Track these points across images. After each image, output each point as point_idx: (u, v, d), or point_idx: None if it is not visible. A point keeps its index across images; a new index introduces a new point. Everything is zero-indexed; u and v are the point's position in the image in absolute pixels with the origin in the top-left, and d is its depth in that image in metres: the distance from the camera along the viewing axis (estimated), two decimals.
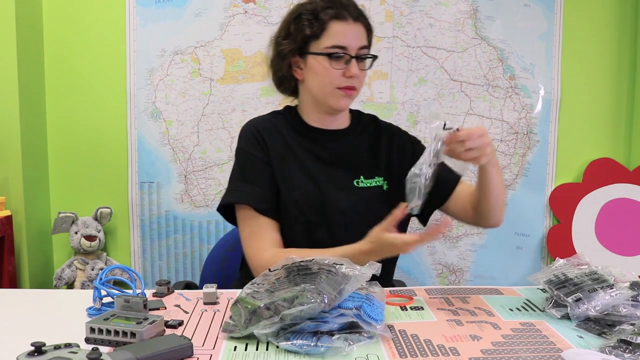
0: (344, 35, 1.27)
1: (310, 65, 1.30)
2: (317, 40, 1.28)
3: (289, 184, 1.31)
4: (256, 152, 1.33)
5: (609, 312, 1.03)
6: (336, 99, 1.31)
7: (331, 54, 1.27)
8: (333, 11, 1.27)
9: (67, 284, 2.32)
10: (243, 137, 1.36)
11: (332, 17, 1.27)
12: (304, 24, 1.29)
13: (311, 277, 0.96)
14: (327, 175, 1.34)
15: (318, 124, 1.38)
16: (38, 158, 2.34)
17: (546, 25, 2.44)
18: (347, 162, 1.37)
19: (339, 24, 1.27)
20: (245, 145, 1.35)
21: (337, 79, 1.28)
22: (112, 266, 1.23)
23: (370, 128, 1.44)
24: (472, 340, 0.96)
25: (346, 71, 1.28)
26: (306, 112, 1.38)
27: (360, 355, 0.89)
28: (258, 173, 1.32)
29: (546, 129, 2.48)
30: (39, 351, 0.78)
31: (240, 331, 0.94)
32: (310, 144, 1.37)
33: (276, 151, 1.34)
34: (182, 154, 2.38)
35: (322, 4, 1.29)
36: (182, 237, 2.41)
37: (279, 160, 1.33)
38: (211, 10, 2.35)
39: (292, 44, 1.31)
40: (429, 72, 2.41)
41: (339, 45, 1.27)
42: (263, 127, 1.36)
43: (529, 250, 2.52)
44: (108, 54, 2.36)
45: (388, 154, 1.40)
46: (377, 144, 1.41)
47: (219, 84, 2.37)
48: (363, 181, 1.35)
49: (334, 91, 1.30)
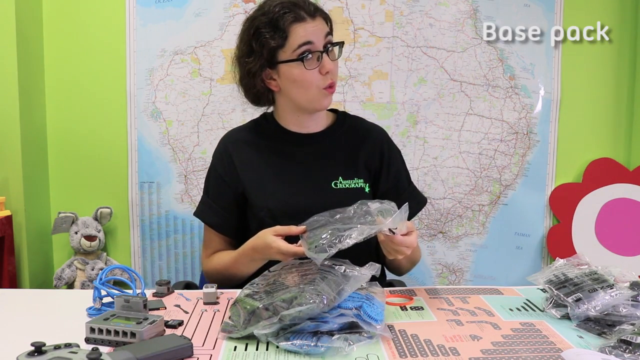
0: (307, 35, 1.26)
1: (284, 74, 1.29)
2: (283, 49, 1.26)
3: (261, 193, 1.33)
4: (219, 169, 1.39)
5: (609, 312, 1.03)
6: (320, 99, 1.31)
7: (301, 55, 1.25)
8: (291, 15, 1.25)
9: (67, 284, 2.32)
10: (215, 151, 1.43)
11: (291, 21, 1.25)
12: (266, 37, 1.26)
13: (310, 278, 0.96)
14: (302, 178, 1.35)
15: (297, 128, 1.38)
16: (38, 158, 2.34)
17: (546, 25, 2.44)
18: (324, 164, 1.37)
19: (300, 26, 1.25)
20: (213, 159, 1.43)
21: (316, 79, 1.28)
22: (112, 266, 1.24)
23: (354, 129, 1.43)
24: (472, 340, 0.96)
25: (321, 68, 1.27)
26: (284, 118, 1.39)
27: (360, 355, 0.89)
28: (216, 190, 1.40)
29: (546, 129, 2.48)
30: (39, 351, 0.78)
31: (239, 331, 0.94)
32: (287, 149, 1.38)
33: (245, 164, 1.37)
34: (182, 154, 2.38)
35: (277, 11, 1.26)
36: (182, 237, 2.41)
37: (249, 172, 1.36)
38: (211, 10, 2.34)
39: (260, 60, 1.29)
40: (429, 72, 2.41)
41: (307, 42, 1.25)
42: (234, 140, 1.41)
43: (529, 250, 2.52)
44: (108, 54, 2.36)
45: (369, 156, 1.40)
46: (358, 146, 1.40)
47: (219, 84, 2.37)
48: (342, 182, 1.35)
49: (317, 92, 1.29)
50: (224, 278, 1.33)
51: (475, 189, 2.46)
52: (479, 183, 2.46)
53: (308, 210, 1.21)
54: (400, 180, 1.42)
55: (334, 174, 1.35)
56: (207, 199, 1.41)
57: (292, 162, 1.37)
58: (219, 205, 1.38)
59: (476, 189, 2.46)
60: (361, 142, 1.41)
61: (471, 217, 2.46)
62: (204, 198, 1.43)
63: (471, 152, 2.45)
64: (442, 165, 2.44)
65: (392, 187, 1.39)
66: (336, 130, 1.41)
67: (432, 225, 2.46)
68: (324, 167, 1.37)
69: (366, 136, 1.42)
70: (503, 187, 2.47)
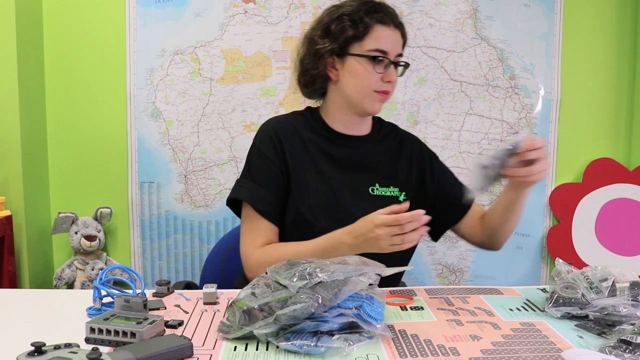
0: (387, 40, 1.28)
1: (349, 67, 1.30)
2: (359, 42, 1.28)
3: (304, 187, 1.31)
4: (269, 154, 1.31)
5: (609, 312, 1.03)
6: (372, 102, 1.31)
7: (374, 57, 1.27)
8: (378, 15, 1.28)
9: (67, 284, 2.32)
10: (260, 135, 1.35)
11: (377, 20, 1.28)
12: (347, 25, 1.28)
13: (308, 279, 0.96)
14: (343, 180, 1.33)
15: (341, 127, 1.37)
16: (38, 158, 2.34)
17: (546, 25, 2.44)
18: (364, 169, 1.36)
19: (382, 28, 1.28)
20: (260, 144, 1.33)
21: (375, 82, 1.29)
22: (112, 266, 1.23)
23: (390, 137, 1.44)
24: (472, 340, 0.96)
25: (385, 76, 1.29)
26: (331, 115, 1.37)
27: (360, 355, 0.89)
28: (266, 174, 1.31)
29: (546, 129, 2.48)
30: (39, 351, 0.77)
31: (235, 332, 0.95)
32: (330, 148, 1.35)
33: (293, 153, 1.32)
34: (182, 154, 2.38)
35: (365, 7, 1.29)
36: (182, 237, 2.41)
37: (295, 163, 1.32)
38: (211, 10, 2.35)
39: (333, 44, 1.29)
40: (429, 72, 2.41)
41: (381, 50, 1.28)
42: (282, 127, 1.34)
43: (529, 250, 2.52)
44: (108, 54, 2.36)
45: (407, 165, 1.40)
46: (396, 154, 1.41)
47: (219, 84, 2.37)
48: (378, 189, 1.35)
49: (372, 94, 1.30)
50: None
51: None
52: None
53: (346, 212, 1.23)
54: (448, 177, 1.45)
55: (372, 180, 1.35)
56: (253, 183, 1.31)
57: (334, 162, 1.35)
58: (268, 191, 1.29)
59: None
60: (399, 150, 1.41)
61: None
62: (246, 183, 1.32)
63: (471, 152, 2.45)
64: None
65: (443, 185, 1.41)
66: (375, 136, 1.42)
67: None
68: (363, 171, 1.36)
69: (404, 144, 1.43)
70: (503, 187, 2.47)
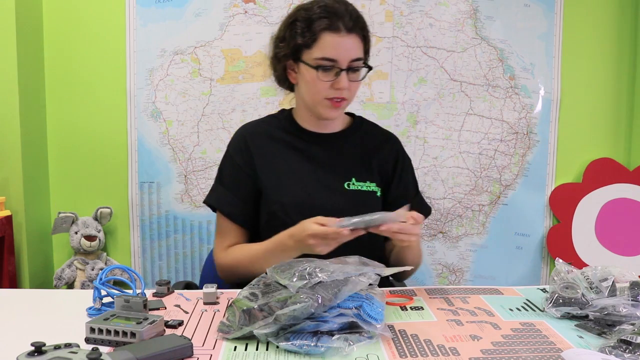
0: (334, 48, 1.25)
1: (301, 72, 1.31)
2: (308, 50, 1.27)
3: (275, 187, 1.33)
4: (238, 159, 1.37)
5: (609, 312, 1.03)
6: (324, 109, 1.31)
7: (320, 66, 1.26)
8: (326, 21, 1.25)
9: (67, 284, 2.32)
10: (231, 141, 1.41)
11: (324, 28, 1.25)
12: (297, 32, 1.28)
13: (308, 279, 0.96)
14: (317, 178, 1.35)
15: (311, 126, 1.40)
16: (38, 158, 2.34)
17: (546, 25, 2.44)
18: (339, 164, 1.37)
19: (330, 36, 1.25)
20: (231, 149, 1.40)
21: (324, 90, 1.28)
22: (112, 266, 1.23)
23: (370, 134, 1.44)
24: (472, 340, 0.96)
25: (335, 83, 1.27)
26: (299, 115, 1.41)
27: (360, 355, 0.89)
28: (234, 180, 1.37)
29: (546, 129, 2.48)
30: (39, 351, 0.78)
31: (234, 332, 0.95)
32: (302, 146, 1.38)
33: (262, 155, 1.36)
34: (182, 154, 2.38)
35: (317, 12, 1.26)
36: (182, 237, 2.41)
37: (266, 165, 1.36)
38: (211, 10, 2.34)
39: (286, 49, 1.31)
40: (429, 72, 2.41)
41: (329, 58, 1.25)
42: (252, 132, 1.40)
43: (529, 250, 2.52)
44: (108, 54, 2.36)
45: (383, 163, 1.41)
46: (374, 151, 1.41)
47: (219, 84, 2.37)
48: (355, 183, 1.35)
49: (323, 101, 1.30)
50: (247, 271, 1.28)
51: (475, 189, 2.46)
52: (479, 183, 2.46)
53: (321, 208, 1.23)
54: (408, 190, 1.44)
55: (348, 175, 1.36)
56: (222, 187, 1.38)
57: (307, 160, 1.37)
58: (235, 195, 1.36)
59: (476, 189, 2.46)
60: (377, 147, 1.42)
61: (471, 217, 2.46)
62: (217, 187, 1.40)
63: (471, 152, 2.45)
64: (442, 165, 2.44)
65: (400, 195, 1.40)
66: (352, 133, 1.42)
67: (432, 225, 2.46)
68: (338, 167, 1.37)
69: (382, 142, 1.44)
70: (503, 187, 2.47)
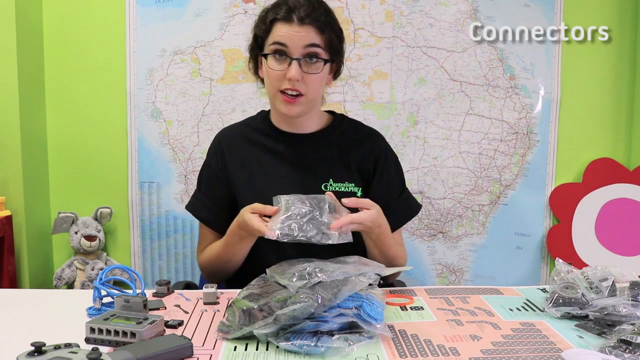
0: (286, 35, 1.25)
1: (263, 67, 1.32)
2: (265, 41, 1.30)
3: (250, 191, 1.33)
4: (212, 164, 1.40)
5: (609, 312, 1.03)
6: (280, 103, 1.29)
7: (272, 53, 1.26)
8: (277, 12, 1.27)
9: (67, 284, 2.32)
10: (210, 146, 1.44)
11: (274, 18, 1.27)
12: (256, 24, 1.33)
13: (308, 279, 0.96)
14: (292, 178, 1.34)
15: (285, 126, 1.39)
16: (38, 158, 2.34)
17: (546, 25, 2.44)
18: (316, 165, 1.36)
19: (281, 26, 1.26)
20: (208, 154, 1.44)
21: (277, 81, 1.27)
22: (112, 266, 1.24)
23: (350, 132, 1.42)
24: (472, 340, 0.96)
25: (286, 72, 1.25)
26: (273, 115, 1.41)
27: (360, 355, 0.89)
28: (208, 184, 1.41)
29: (546, 129, 2.48)
30: (39, 351, 0.78)
31: (234, 332, 0.95)
32: (278, 147, 1.37)
33: (237, 160, 1.37)
34: (182, 154, 2.38)
35: (272, 5, 1.31)
36: (182, 237, 2.41)
37: (241, 169, 1.37)
38: (211, 10, 2.34)
39: (252, 43, 1.35)
40: (429, 72, 2.41)
41: (279, 42, 1.25)
42: (227, 136, 1.42)
43: (529, 250, 2.51)
44: (108, 54, 2.36)
45: (363, 160, 1.39)
46: (353, 149, 1.39)
47: (219, 84, 2.37)
48: (332, 184, 1.34)
49: (277, 94, 1.29)
50: (219, 267, 1.35)
51: (475, 189, 2.46)
52: (479, 183, 2.46)
53: None
54: (391, 189, 1.41)
55: (325, 176, 1.34)
56: (199, 193, 1.44)
57: (283, 162, 1.36)
58: (210, 200, 1.40)
59: (476, 189, 2.46)
60: (356, 146, 1.40)
61: (471, 217, 2.46)
62: (195, 192, 1.46)
63: (471, 152, 2.45)
64: (442, 165, 2.44)
65: (382, 195, 1.37)
66: (330, 132, 1.41)
67: (432, 225, 2.46)
68: (315, 168, 1.36)
69: (362, 140, 1.41)
70: (503, 187, 2.47)
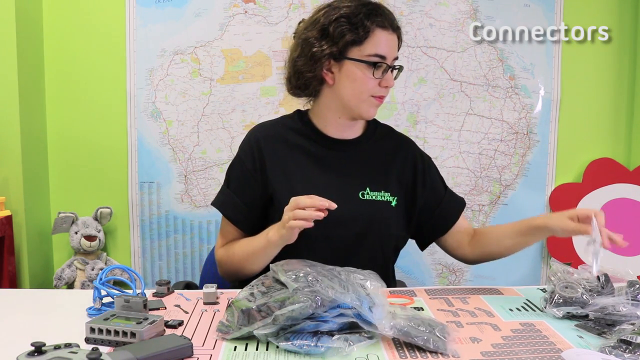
0: (386, 45, 1.26)
1: (346, 71, 1.26)
2: (358, 47, 1.25)
3: (288, 192, 1.27)
4: (248, 163, 1.33)
5: (609, 312, 1.03)
6: (368, 107, 1.29)
7: (374, 63, 1.25)
8: (378, 19, 1.25)
9: (67, 284, 2.32)
10: (243, 144, 1.37)
11: (377, 25, 1.25)
12: (346, 28, 1.24)
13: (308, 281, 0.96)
14: (330, 184, 1.30)
15: (333, 131, 1.35)
16: (38, 158, 2.34)
17: (546, 25, 2.44)
18: (355, 173, 1.33)
19: (382, 33, 1.25)
20: (241, 151, 1.36)
21: (373, 87, 1.27)
22: (112, 266, 1.24)
23: (385, 139, 1.41)
24: (472, 342, 0.96)
25: (383, 81, 1.27)
26: (323, 118, 1.34)
27: (360, 355, 0.89)
28: (241, 183, 1.34)
29: (546, 129, 2.48)
30: (39, 351, 0.78)
31: (233, 332, 0.95)
32: (319, 151, 1.33)
33: (276, 161, 1.32)
34: (182, 154, 2.38)
35: (365, 10, 1.25)
36: (182, 237, 2.41)
37: (279, 170, 1.31)
38: (211, 10, 2.34)
39: (331, 47, 1.25)
40: (429, 72, 2.41)
41: (380, 55, 1.25)
42: (265, 134, 1.35)
43: (529, 250, 2.51)
44: (108, 54, 2.36)
45: (401, 169, 1.37)
46: (391, 157, 1.38)
47: (219, 84, 2.37)
48: (369, 193, 1.31)
49: (369, 99, 1.28)
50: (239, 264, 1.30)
51: (475, 189, 2.46)
52: (479, 183, 2.46)
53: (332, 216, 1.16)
54: (437, 190, 1.41)
55: (362, 184, 1.32)
56: (229, 191, 1.35)
57: (322, 166, 1.33)
58: (242, 200, 1.33)
59: (476, 189, 2.46)
60: (393, 154, 1.38)
61: (471, 217, 2.46)
62: (225, 190, 1.37)
63: (471, 152, 2.45)
64: (442, 165, 2.43)
65: (430, 198, 1.38)
66: (368, 139, 1.38)
67: None
68: (353, 175, 1.33)
69: (398, 148, 1.40)
70: (503, 187, 2.47)
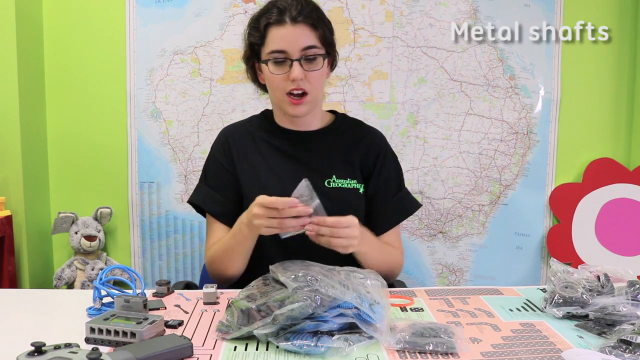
0: (282, 40, 1.26)
1: (264, 73, 1.33)
2: (262, 48, 1.30)
3: (256, 186, 1.33)
4: (220, 158, 1.40)
5: (609, 312, 1.03)
6: (287, 105, 1.31)
7: (272, 60, 1.27)
8: (269, 17, 1.28)
9: (67, 284, 2.32)
10: (215, 142, 1.44)
11: (268, 23, 1.28)
12: (250, 32, 1.33)
13: (307, 280, 0.96)
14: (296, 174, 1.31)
15: (289, 125, 1.40)
16: (38, 158, 2.34)
17: (546, 25, 2.44)
18: (319, 163, 1.38)
19: (276, 29, 1.27)
20: (214, 149, 1.43)
21: (282, 84, 1.28)
22: (112, 266, 1.24)
23: (352, 130, 1.44)
24: (472, 343, 0.96)
25: (289, 74, 1.27)
26: (276, 114, 1.42)
27: (360, 355, 0.89)
28: (217, 178, 1.39)
29: (546, 129, 2.48)
30: (39, 351, 0.78)
31: (233, 332, 0.95)
32: (282, 145, 1.39)
33: (243, 155, 1.38)
34: (182, 154, 2.38)
35: (263, 10, 1.31)
36: (182, 237, 2.41)
37: (246, 164, 1.37)
38: (211, 10, 2.34)
39: (248, 52, 1.35)
40: (429, 72, 2.41)
41: (278, 50, 1.27)
42: (233, 132, 1.43)
43: (529, 250, 2.51)
44: (108, 54, 2.36)
45: (364, 158, 1.40)
46: (355, 147, 1.41)
47: (219, 84, 2.37)
48: (335, 181, 1.36)
49: (284, 97, 1.30)
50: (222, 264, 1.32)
51: (475, 189, 2.46)
52: (479, 183, 2.46)
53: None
54: (388, 187, 1.42)
55: (328, 173, 1.36)
56: (206, 187, 1.41)
57: (287, 158, 1.38)
58: (219, 194, 1.38)
59: (476, 189, 2.46)
60: (358, 144, 1.42)
61: (471, 217, 2.46)
62: (201, 187, 1.42)
63: (471, 152, 2.45)
64: (442, 165, 2.44)
65: (379, 191, 1.40)
66: (333, 130, 1.42)
67: (432, 225, 2.46)
68: (318, 165, 1.37)
69: (364, 138, 1.43)
70: (503, 187, 2.47)
